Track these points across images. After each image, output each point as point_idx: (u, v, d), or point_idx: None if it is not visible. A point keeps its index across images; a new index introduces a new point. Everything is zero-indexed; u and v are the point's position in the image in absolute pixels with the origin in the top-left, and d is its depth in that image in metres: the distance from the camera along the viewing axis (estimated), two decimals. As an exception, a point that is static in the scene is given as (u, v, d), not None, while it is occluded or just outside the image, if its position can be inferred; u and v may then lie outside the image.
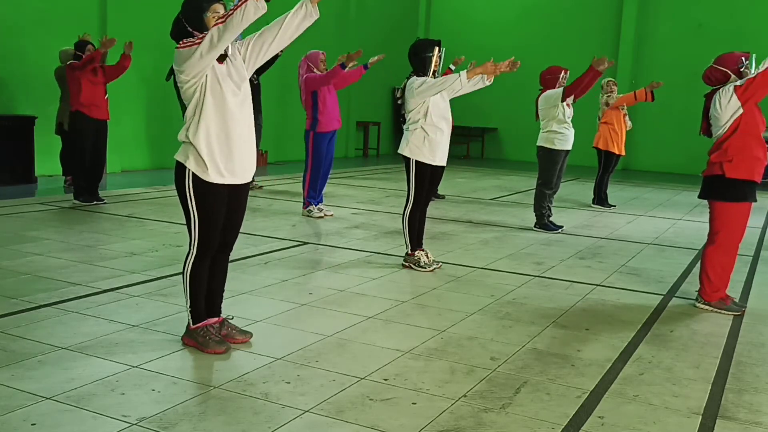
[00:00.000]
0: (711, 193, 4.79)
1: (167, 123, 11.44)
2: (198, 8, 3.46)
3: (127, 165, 11.33)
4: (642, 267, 6.17)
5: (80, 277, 4.97)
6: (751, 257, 6.72)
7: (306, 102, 7.86)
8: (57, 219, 7.21)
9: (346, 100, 15.43)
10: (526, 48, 17.07)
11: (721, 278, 4.83)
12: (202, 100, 3.44)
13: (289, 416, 2.97)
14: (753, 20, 15.03)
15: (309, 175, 7.99)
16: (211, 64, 3.39)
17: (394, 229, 7.27)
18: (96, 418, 2.88)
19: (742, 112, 4.60)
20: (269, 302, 4.62)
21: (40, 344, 3.66)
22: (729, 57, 4.77)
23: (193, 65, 3.36)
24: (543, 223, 7.75)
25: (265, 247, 6.24)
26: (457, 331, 4.19)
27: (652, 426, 3.05)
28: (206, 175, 3.48)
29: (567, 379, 3.51)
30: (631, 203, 10.46)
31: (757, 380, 3.65)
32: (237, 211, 3.71)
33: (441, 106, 5.56)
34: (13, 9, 9.58)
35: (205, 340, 3.67)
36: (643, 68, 16.19)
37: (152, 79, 10.88)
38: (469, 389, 3.34)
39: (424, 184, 5.65)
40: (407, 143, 5.57)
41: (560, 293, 5.16)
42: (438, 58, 5.54)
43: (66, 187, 9.12)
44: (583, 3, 16.75)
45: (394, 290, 5.06)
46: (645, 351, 4.01)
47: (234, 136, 3.50)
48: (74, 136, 8.08)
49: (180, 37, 3.48)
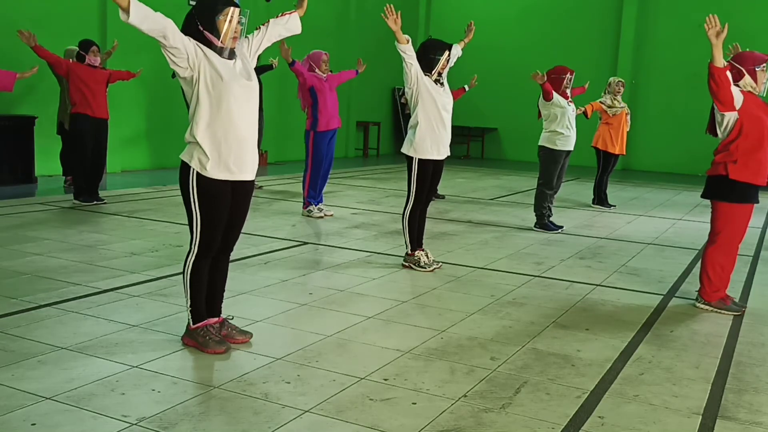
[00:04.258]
0: (714, 193, 4.78)
1: (167, 123, 11.46)
2: (212, 9, 3.48)
3: (127, 165, 11.33)
4: (642, 267, 6.17)
5: (80, 277, 4.97)
6: (751, 257, 6.72)
7: (305, 102, 7.85)
8: (57, 219, 7.21)
9: (346, 100, 15.44)
10: (527, 47, 17.13)
11: (721, 278, 4.83)
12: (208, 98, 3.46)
13: (289, 416, 2.97)
14: (753, 20, 15.01)
15: (309, 175, 7.99)
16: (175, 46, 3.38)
17: (394, 229, 7.27)
18: (96, 418, 2.88)
19: (737, 117, 4.59)
20: (269, 302, 4.62)
21: (40, 344, 3.66)
22: (749, 55, 4.69)
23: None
24: (543, 223, 7.75)
25: (265, 247, 6.24)
26: (457, 331, 4.19)
27: (652, 426, 3.05)
28: (210, 171, 3.48)
29: (567, 379, 3.51)
30: (631, 203, 10.45)
31: (757, 380, 3.65)
32: (239, 212, 3.71)
33: (443, 99, 5.55)
34: (13, 9, 9.58)
35: (205, 340, 3.67)
36: (643, 68, 16.18)
37: (152, 80, 10.87)
38: (469, 389, 3.34)
39: (426, 184, 5.64)
40: (411, 143, 5.56)
41: (560, 293, 5.16)
42: (446, 61, 5.52)
43: (66, 187, 9.13)
44: (583, 3, 16.75)
45: (394, 290, 5.06)
46: (645, 351, 4.01)
47: (239, 133, 3.52)
48: (74, 135, 8.08)
49: (190, 33, 3.48)
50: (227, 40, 3.49)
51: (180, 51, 3.38)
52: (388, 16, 5.14)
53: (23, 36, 7.39)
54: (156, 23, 3.27)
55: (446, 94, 5.59)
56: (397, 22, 5.15)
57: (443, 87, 5.58)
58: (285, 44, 7.24)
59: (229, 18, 3.47)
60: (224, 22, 3.47)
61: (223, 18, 3.47)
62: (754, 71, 4.64)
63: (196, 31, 3.48)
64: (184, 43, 3.39)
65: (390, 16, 5.14)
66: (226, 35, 3.48)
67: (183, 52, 3.38)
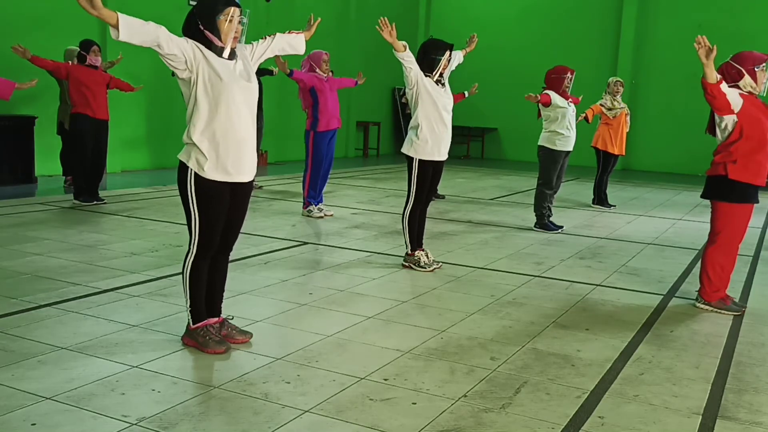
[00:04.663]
0: (714, 193, 4.78)
1: (167, 123, 11.46)
2: (212, 9, 3.48)
3: (127, 165, 11.33)
4: (642, 267, 6.17)
5: (80, 277, 4.97)
6: (751, 257, 6.72)
7: (306, 102, 7.85)
8: (57, 219, 7.21)
9: (346, 100, 15.43)
10: (527, 47, 17.13)
11: (721, 278, 4.83)
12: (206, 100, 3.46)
13: (289, 416, 2.97)
14: (753, 20, 15.02)
15: (309, 175, 7.99)
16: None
17: (394, 229, 7.27)
18: (96, 418, 2.88)
19: (736, 120, 4.60)
20: (269, 302, 4.62)
21: (40, 344, 3.66)
22: (748, 55, 4.70)
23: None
24: (543, 223, 7.75)
25: (265, 247, 6.24)
26: (457, 331, 4.19)
27: (652, 426, 3.05)
28: (208, 172, 3.48)
29: (567, 379, 3.51)
30: (631, 203, 10.46)
31: (757, 380, 3.65)
32: (238, 212, 3.72)
33: (444, 100, 5.54)
34: (13, 9, 9.58)
35: (205, 340, 3.67)
36: (643, 68, 16.19)
37: (152, 80, 10.87)
38: (469, 389, 3.34)
39: (426, 184, 5.64)
40: (411, 143, 5.56)
41: (560, 293, 5.16)
42: (447, 61, 5.51)
43: (66, 187, 9.13)
44: (583, 3, 16.75)
45: (394, 290, 5.06)
46: (645, 351, 4.01)
47: (238, 134, 3.52)
48: (74, 136, 8.08)
49: (191, 34, 3.49)
50: (228, 40, 3.50)
51: (177, 56, 3.38)
52: (382, 28, 5.12)
53: (17, 51, 7.47)
54: (147, 35, 3.26)
55: (447, 94, 5.58)
56: (392, 33, 5.13)
57: (444, 87, 5.58)
58: (280, 58, 7.30)
59: (230, 18, 3.48)
60: (225, 21, 3.47)
61: (224, 18, 3.47)
62: (753, 71, 4.64)
63: (197, 31, 3.48)
64: (180, 48, 3.38)
65: (385, 29, 5.12)
66: (227, 35, 3.48)
67: (180, 57, 3.38)
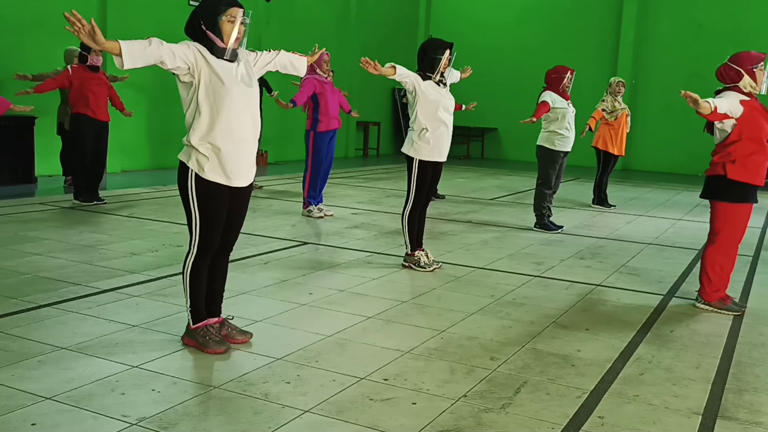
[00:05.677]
0: (713, 193, 4.78)
1: (167, 123, 11.45)
2: (214, 9, 3.47)
3: (127, 165, 11.33)
4: (642, 267, 6.17)
5: (80, 277, 4.97)
6: (751, 257, 6.72)
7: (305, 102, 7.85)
8: (57, 219, 7.21)
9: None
10: (526, 48, 17.14)
11: (721, 278, 4.83)
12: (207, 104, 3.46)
13: (289, 416, 2.97)
14: (753, 20, 15.02)
15: (309, 175, 7.99)
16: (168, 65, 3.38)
17: (394, 229, 7.27)
18: (96, 418, 2.88)
19: (735, 123, 4.60)
20: (269, 302, 4.62)
21: (40, 344, 3.66)
22: (746, 56, 4.71)
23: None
24: (543, 223, 7.75)
25: (265, 247, 6.24)
26: (457, 331, 4.19)
27: (652, 426, 3.05)
28: (208, 174, 3.49)
29: (567, 379, 3.51)
30: (631, 203, 10.46)
31: (757, 380, 3.65)
32: (238, 213, 3.72)
33: (444, 101, 5.54)
34: (13, 9, 9.58)
35: (205, 340, 3.67)
36: (643, 68, 16.19)
37: (152, 80, 10.88)
38: (469, 389, 3.34)
39: (426, 184, 5.64)
40: (411, 143, 5.56)
41: (560, 293, 5.16)
42: (448, 60, 5.50)
43: (66, 187, 9.13)
44: (583, 3, 16.75)
45: (394, 290, 5.06)
46: (645, 351, 4.01)
47: (238, 139, 3.51)
48: (75, 136, 8.08)
49: (193, 33, 3.49)
50: (230, 41, 3.49)
51: (180, 68, 3.39)
52: (366, 67, 5.11)
53: (21, 93, 7.71)
54: (150, 56, 3.26)
55: (447, 95, 5.59)
56: (377, 68, 5.11)
57: (445, 87, 5.58)
58: (281, 101, 7.82)
59: (232, 19, 3.47)
60: (227, 22, 3.46)
61: (226, 18, 3.47)
62: (752, 71, 4.65)
63: (199, 31, 3.48)
64: (183, 57, 3.37)
65: (368, 66, 5.10)
66: (229, 36, 3.48)
67: (184, 67, 3.39)
